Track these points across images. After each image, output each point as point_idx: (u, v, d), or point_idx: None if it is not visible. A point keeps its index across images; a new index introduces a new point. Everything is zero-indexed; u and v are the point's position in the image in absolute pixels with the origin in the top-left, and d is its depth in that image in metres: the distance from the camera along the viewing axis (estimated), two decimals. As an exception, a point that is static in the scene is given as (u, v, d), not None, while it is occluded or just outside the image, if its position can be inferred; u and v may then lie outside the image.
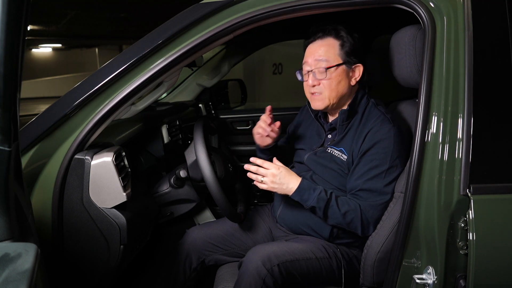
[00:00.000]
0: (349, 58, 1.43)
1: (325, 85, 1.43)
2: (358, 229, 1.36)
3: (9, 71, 0.73)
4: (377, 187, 1.34)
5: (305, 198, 1.37)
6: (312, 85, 1.44)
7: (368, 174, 1.36)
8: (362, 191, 1.36)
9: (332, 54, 1.42)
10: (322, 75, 1.42)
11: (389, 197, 1.34)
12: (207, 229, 1.67)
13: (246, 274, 1.33)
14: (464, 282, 1.05)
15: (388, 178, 1.34)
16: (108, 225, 1.27)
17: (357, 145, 1.40)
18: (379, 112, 1.43)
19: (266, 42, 2.51)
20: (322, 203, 1.35)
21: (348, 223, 1.36)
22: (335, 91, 1.43)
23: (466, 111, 1.07)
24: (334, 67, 1.41)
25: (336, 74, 1.42)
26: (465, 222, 1.05)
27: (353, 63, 1.44)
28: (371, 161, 1.36)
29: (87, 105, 1.25)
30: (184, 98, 2.48)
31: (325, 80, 1.42)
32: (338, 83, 1.42)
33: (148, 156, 1.82)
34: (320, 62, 1.42)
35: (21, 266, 0.69)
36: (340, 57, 1.43)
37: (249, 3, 1.24)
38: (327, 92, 1.43)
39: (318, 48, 1.44)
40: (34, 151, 1.25)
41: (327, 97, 1.44)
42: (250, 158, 1.42)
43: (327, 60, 1.42)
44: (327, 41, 1.44)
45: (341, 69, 1.43)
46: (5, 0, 0.69)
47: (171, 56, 1.25)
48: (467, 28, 1.08)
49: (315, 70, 1.43)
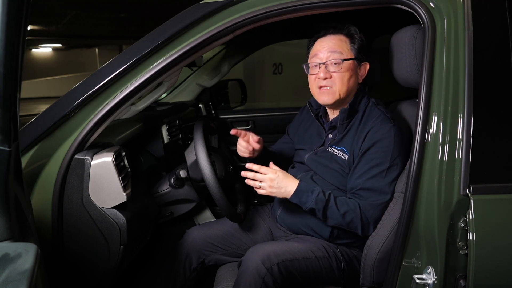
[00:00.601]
0: (360, 55, 1.45)
1: (337, 78, 1.42)
2: (358, 229, 1.36)
3: (9, 71, 0.73)
4: (377, 186, 1.34)
5: (304, 200, 1.36)
6: (324, 77, 1.43)
7: (368, 173, 1.36)
8: (362, 190, 1.36)
9: (346, 48, 1.44)
10: (336, 67, 1.42)
11: (389, 196, 1.34)
12: (207, 229, 1.67)
13: (246, 273, 1.33)
14: (464, 282, 1.05)
15: (388, 177, 1.34)
16: (108, 225, 1.27)
17: (358, 144, 1.40)
18: (379, 112, 1.43)
19: (266, 42, 2.51)
20: (321, 205, 1.35)
21: (348, 223, 1.36)
22: (346, 85, 1.43)
23: (466, 111, 1.07)
24: (350, 60, 1.42)
25: (349, 68, 1.43)
26: (465, 222, 1.05)
27: (362, 60, 1.46)
28: (371, 160, 1.36)
29: (87, 105, 1.25)
30: (184, 98, 2.48)
31: (338, 72, 1.42)
32: (349, 77, 1.43)
33: (148, 156, 1.82)
34: (335, 54, 1.42)
35: (21, 266, 0.69)
36: (352, 52, 1.44)
37: (249, 3, 1.24)
38: (338, 85, 1.43)
39: (332, 41, 1.45)
40: (34, 151, 1.25)
41: (338, 91, 1.43)
42: (246, 164, 1.41)
43: (342, 52, 1.42)
44: (339, 36, 1.46)
45: (354, 64, 1.44)
46: (5, 0, 0.69)
47: (171, 56, 1.25)
48: (467, 28, 1.08)
49: (328, 63, 1.42)
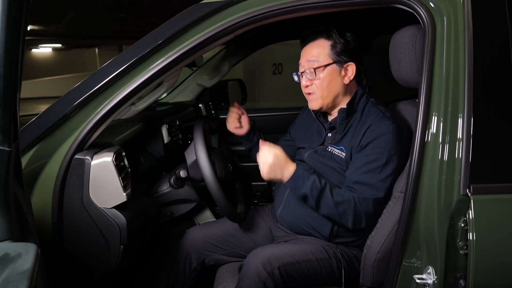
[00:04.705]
0: (340, 57, 1.46)
1: (316, 85, 1.47)
2: (349, 222, 1.36)
3: (9, 71, 0.72)
4: (372, 181, 1.34)
5: (299, 185, 1.37)
6: (305, 85, 1.50)
7: (364, 167, 1.36)
8: (357, 184, 1.36)
9: (323, 55, 1.46)
10: (312, 75, 1.47)
11: (383, 194, 1.34)
12: (207, 229, 1.67)
13: (247, 277, 1.33)
14: (464, 282, 1.05)
15: (384, 173, 1.34)
16: (108, 225, 1.27)
17: (357, 140, 1.41)
18: (378, 110, 1.44)
19: (266, 42, 2.51)
20: (315, 192, 1.35)
21: (340, 214, 1.36)
22: (327, 90, 1.47)
23: (466, 111, 1.07)
24: (322, 67, 1.45)
25: (325, 74, 1.46)
26: (465, 222, 1.05)
27: (344, 62, 1.46)
28: (368, 156, 1.37)
29: (87, 105, 1.25)
30: (184, 98, 2.48)
31: (315, 80, 1.47)
32: (329, 82, 1.46)
33: (148, 156, 1.82)
34: (311, 62, 1.47)
35: (21, 266, 0.69)
36: (330, 57, 1.46)
37: (249, 3, 1.24)
38: (319, 92, 1.48)
39: (310, 49, 1.49)
40: (34, 151, 1.25)
41: (320, 97, 1.48)
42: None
43: (318, 60, 1.46)
44: (318, 42, 1.49)
45: (331, 69, 1.46)
46: (5, 0, 0.69)
47: (171, 56, 1.25)
48: (467, 28, 1.08)
49: (306, 71, 1.48)
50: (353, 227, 1.37)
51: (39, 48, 14.59)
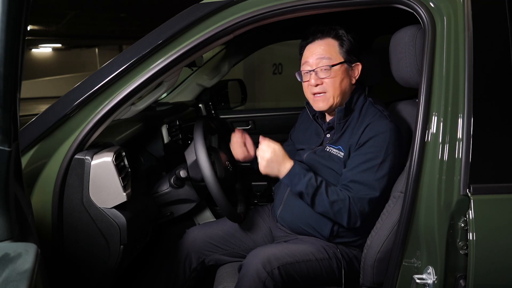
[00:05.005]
0: (350, 56, 1.45)
1: (328, 84, 1.43)
2: (344, 220, 1.36)
3: (9, 71, 0.73)
4: (368, 180, 1.34)
5: (295, 182, 1.37)
6: (315, 84, 1.44)
7: (361, 166, 1.36)
8: (352, 182, 1.36)
9: (334, 53, 1.44)
10: (326, 73, 1.42)
11: (379, 193, 1.34)
12: (207, 229, 1.67)
13: (246, 277, 1.33)
14: (464, 282, 1.05)
15: (380, 172, 1.34)
16: (108, 225, 1.27)
17: (355, 139, 1.41)
18: (376, 110, 1.44)
19: (266, 42, 2.51)
20: (311, 189, 1.35)
21: (335, 212, 1.36)
22: (339, 89, 1.44)
23: (466, 111, 1.07)
24: (338, 64, 1.42)
25: (340, 72, 1.43)
26: (465, 222, 1.05)
27: (353, 61, 1.46)
28: (365, 154, 1.37)
29: (87, 105, 1.25)
30: (184, 98, 2.48)
31: (328, 78, 1.42)
32: (341, 81, 1.43)
33: (148, 156, 1.82)
34: (323, 60, 1.42)
35: (21, 266, 0.69)
36: (341, 55, 1.44)
37: (249, 3, 1.24)
38: (331, 91, 1.43)
39: (318, 47, 1.45)
40: (34, 151, 1.25)
41: (331, 96, 1.44)
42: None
43: (330, 58, 1.43)
44: (326, 41, 1.45)
45: (344, 68, 1.44)
46: (5, 0, 0.69)
47: (171, 56, 1.25)
48: (467, 28, 1.08)
49: (317, 69, 1.43)
50: (348, 226, 1.37)
51: (39, 48, 14.59)
